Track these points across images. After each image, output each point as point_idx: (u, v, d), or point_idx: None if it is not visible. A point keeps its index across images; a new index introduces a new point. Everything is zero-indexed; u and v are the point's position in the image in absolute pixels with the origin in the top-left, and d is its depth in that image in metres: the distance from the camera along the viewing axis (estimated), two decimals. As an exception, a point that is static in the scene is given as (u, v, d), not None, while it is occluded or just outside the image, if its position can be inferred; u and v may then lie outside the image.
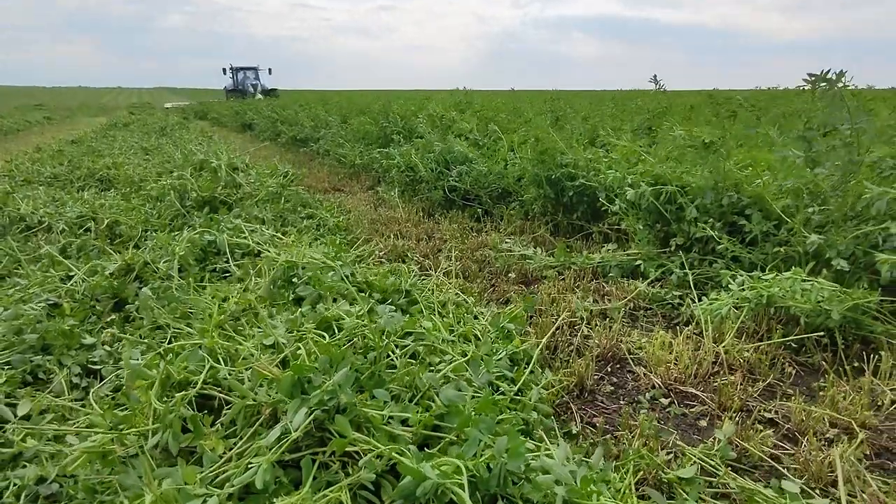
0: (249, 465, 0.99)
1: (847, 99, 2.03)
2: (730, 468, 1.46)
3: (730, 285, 2.10)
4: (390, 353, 1.39)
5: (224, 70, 35.25)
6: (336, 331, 1.48)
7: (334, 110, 8.75)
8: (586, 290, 2.71)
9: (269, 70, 36.40)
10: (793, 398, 1.81)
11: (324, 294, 1.80)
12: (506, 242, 3.33)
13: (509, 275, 2.95)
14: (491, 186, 4.08)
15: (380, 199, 4.96)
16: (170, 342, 1.94)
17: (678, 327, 2.37)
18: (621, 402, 1.85)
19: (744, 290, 2.06)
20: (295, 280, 1.92)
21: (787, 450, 1.56)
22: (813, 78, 2.02)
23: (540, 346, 1.84)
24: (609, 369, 2.06)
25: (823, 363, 2.01)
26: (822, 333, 2.04)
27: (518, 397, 1.39)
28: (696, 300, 2.38)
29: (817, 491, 1.40)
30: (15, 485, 1.24)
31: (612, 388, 1.94)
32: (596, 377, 1.98)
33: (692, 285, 2.53)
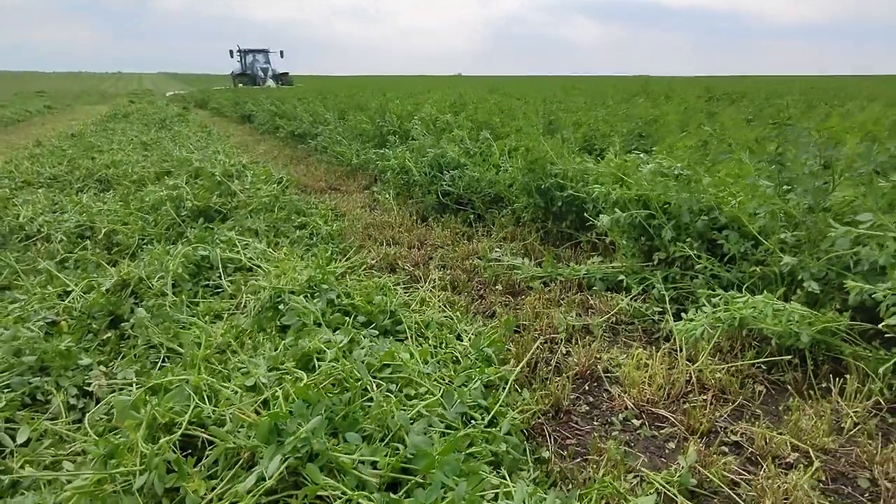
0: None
1: (814, 133, 2.08)
2: (689, 495, 1.54)
3: (704, 307, 2.16)
4: (367, 387, 1.46)
5: (231, 52, 33.05)
6: (317, 364, 1.56)
7: (332, 105, 8.76)
8: (571, 304, 2.78)
9: (281, 53, 34.11)
10: (759, 420, 1.89)
11: (308, 322, 1.87)
12: (495, 251, 3.40)
13: (496, 286, 3.02)
14: (483, 191, 4.13)
15: (375, 201, 5.02)
16: (162, 362, 2.03)
17: (658, 342, 2.44)
18: (595, 422, 1.93)
19: (717, 311, 2.13)
20: (281, 306, 1.99)
21: (748, 475, 1.64)
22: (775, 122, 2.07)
23: (515, 373, 1.91)
24: (587, 387, 2.14)
25: (793, 383, 2.08)
26: (790, 357, 2.11)
27: (488, 430, 1.46)
28: (676, 317, 2.45)
29: (772, 518, 1.48)
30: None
31: (588, 407, 2.02)
32: (573, 397, 2.06)
33: (674, 300, 2.60)
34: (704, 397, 2.00)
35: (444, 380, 1.70)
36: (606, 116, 4.52)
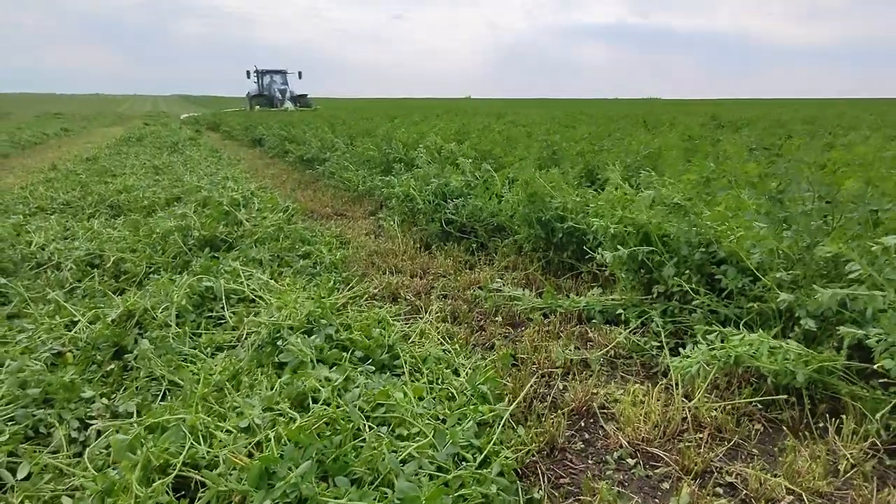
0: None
1: (807, 170, 2.11)
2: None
3: (699, 344, 2.17)
4: (360, 427, 1.49)
5: (248, 73, 31.43)
6: (311, 403, 1.59)
7: (342, 130, 8.90)
8: (570, 336, 2.79)
9: (300, 74, 32.05)
10: (755, 459, 1.89)
11: (304, 360, 1.91)
12: (496, 282, 3.43)
13: (496, 317, 3.05)
14: (486, 220, 4.18)
15: (380, 227, 5.08)
16: (164, 395, 2.06)
17: (656, 376, 2.45)
18: (590, 461, 1.94)
19: (713, 348, 2.14)
20: (279, 342, 2.03)
21: (741, 519, 1.63)
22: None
23: (510, 410, 1.93)
24: (582, 424, 2.15)
25: (789, 422, 2.08)
26: (787, 395, 2.11)
27: (480, 471, 1.48)
28: (674, 351, 2.45)
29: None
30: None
31: (583, 445, 2.02)
32: (568, 434, 2.07)
33: (673, 333, 2.62)
34: (700, 436, 2.00)
35: (438, 418, 1.72)
36: (609, 146, 4.57)
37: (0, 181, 7.99)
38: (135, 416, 1.89)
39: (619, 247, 2.84)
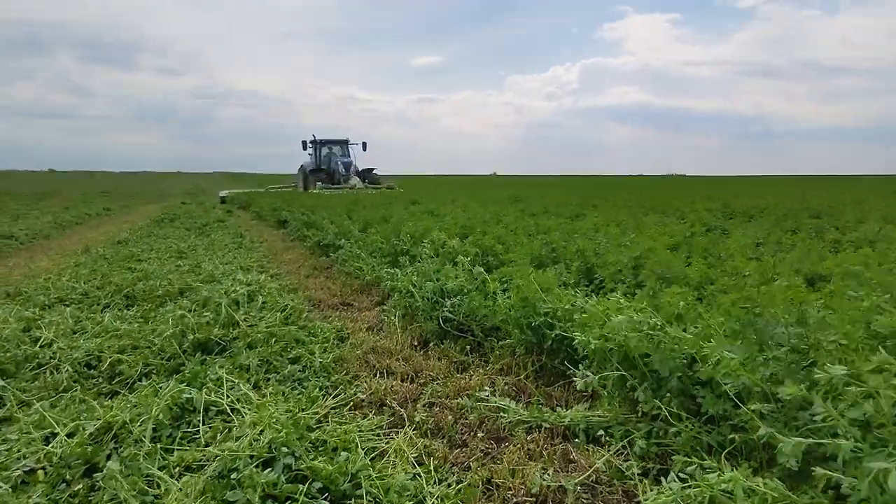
0: None
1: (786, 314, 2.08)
2: None
3: (674, 482, 2.07)
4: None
5: (304, 143, 26.86)
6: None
7: (359, 217, 9.17)
8: (551, 457, 2.70)
9: (364, 145, 26.55)
10: None
11: (252, 500, 1.88)
12: (485, 389, 3.37)
13: (478, 434, 2.97)
14: (482, 320, 4.17)
15: (382, 321, 5.11)
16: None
17: (637, 507, 2.32)
18: None
19: (687, 487, 2.03)
20: (234, 475, 2.01)
21: None
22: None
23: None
24: (551, 566, 2.03)
25: (773, 573, 1.93)
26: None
27: None
28: (656, 479, 2.34)
29: None
30: None
31: (547, 593, 1.91)
32: (532, 579, 1.96)
33: (658, 457, 2.51)
34: (673, 587, 1.87)
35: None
36: (606, 245, 4.59)
37: (35, 264, 8.43)
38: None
39: (600, 367, 2.80)
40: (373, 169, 26.74)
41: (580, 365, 2.84)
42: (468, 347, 4.19)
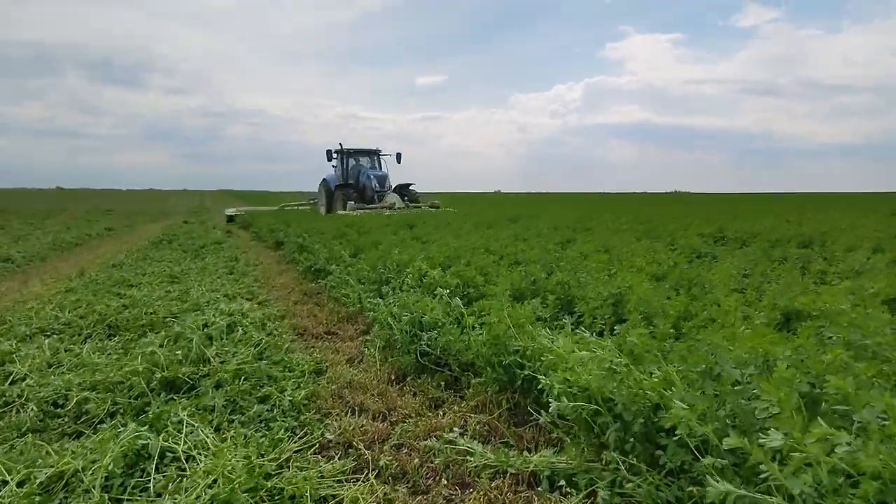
0: None
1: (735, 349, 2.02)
2: None
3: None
4: None
5: (329, 153, 22.88)
6: None
7: (352, 241, 9.16)
8: (513, 506, 2.63)
9: (398, 157, 22.79)
10: None
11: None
12: (454, 431, 3.31)
13: (442, 480, 2.91)
14: (458, 355, 4.12)
15: (362, 353, 5.05)
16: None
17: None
18: None
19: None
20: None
21: None
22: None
23: None
24: None
25: None
26: None
27: None
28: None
29: None
30: None
31: None
32: None
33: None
34: None
35: None
36: (587, 278, 4.54)
37: (28, 289, 8.44)
38: None
39: (564, 407, 2.74)
40: (410, 184, 22.84)
41: (550, 406, 2.79)
42: (444, 383, 4.13)
